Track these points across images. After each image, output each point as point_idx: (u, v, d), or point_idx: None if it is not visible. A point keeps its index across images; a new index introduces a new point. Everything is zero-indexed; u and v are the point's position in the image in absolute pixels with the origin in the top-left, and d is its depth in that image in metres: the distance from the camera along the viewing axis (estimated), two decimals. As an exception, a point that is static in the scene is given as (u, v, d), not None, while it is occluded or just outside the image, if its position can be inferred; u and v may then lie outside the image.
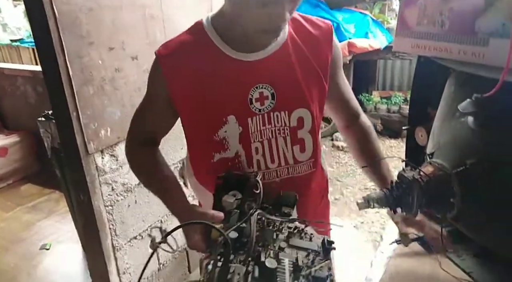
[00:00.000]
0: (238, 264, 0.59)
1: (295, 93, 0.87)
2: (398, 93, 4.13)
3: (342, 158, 3.86)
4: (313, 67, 0.89)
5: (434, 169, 0.79)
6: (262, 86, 0.84)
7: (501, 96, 0.67)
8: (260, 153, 0.88)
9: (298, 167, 0.92)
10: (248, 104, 0.84)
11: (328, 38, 0.92)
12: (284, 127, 0.88)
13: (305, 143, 0.91)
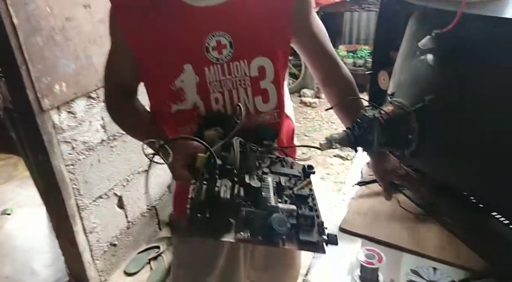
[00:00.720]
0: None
1: (254, 41, 0.85)
2: (364, 47, 4.14)
3: (309, 114, 3.90)
4: (274, 14, 0.87)
5: (394, 107, 0.80)
6: (219, 34, 0.82)
7: (459, 30, 0.67)
8: (221, 103, 0.86)
9: (260, 118, 0.91)
10: (204, 53, 0.82)
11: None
12: (245, 77, 0.86)
13: (269, 93, 0.90)
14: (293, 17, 0.89)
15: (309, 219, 0.59)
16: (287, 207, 0.59)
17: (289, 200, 0.63)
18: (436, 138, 0.77)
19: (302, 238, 0.58)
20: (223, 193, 0.57)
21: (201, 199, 0.57)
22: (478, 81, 0.68)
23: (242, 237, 0.56)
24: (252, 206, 0.58)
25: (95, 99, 1.65)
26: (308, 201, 0.63)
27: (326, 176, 2.82)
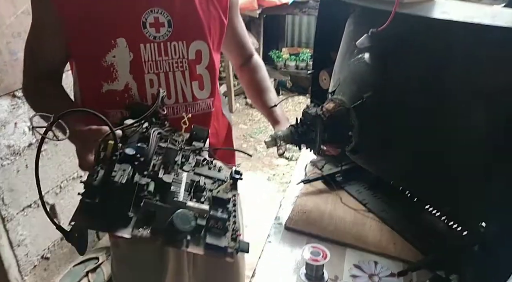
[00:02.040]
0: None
1: (194, 23, 0.84)
2: (306, 50, 4.26)
3: (255, 115, 3.92)
4: (213, 4, 0.88)
5: (335, 105, 0.81)
6: (157, 10, 0.80)
7: (394, 29, 0.70)
8: (156, 86, 0.83)
9: (196, 105, 0.89)
10: (141, 28, 0.79)
11: None
12: (182, 60, 0.84)
13: (203, 79, 0.89)
14: (228, 10, 0.93)
15: (221, 222, 0.53)
16: (197, 205, 0.53)
17: (206, 201, 0.57)
18: (373, 135, 0.80)
19: (209, 241, 0.51)
20: (118, 177, 0.49)
21: (94, 183, 0.49)
22: (409, 78, 0.71)
23: (139, 233, 0.49)
24: (159, 201, 0.52)
25: (20, 98, 1.50)
26: (228, 206, 0.57)
27: (272, 176, 2.84)
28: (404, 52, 0.71)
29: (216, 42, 0.91)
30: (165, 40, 0.82)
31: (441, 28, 0.62)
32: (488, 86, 0.59)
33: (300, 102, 4.21)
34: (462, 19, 0.59)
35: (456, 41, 0.61)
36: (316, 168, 1.14)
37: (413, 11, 0.68)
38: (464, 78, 0.61)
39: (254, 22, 3.88)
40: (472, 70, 0.60)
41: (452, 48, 0.62)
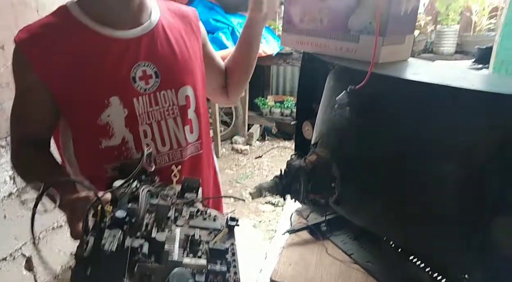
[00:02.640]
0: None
1: (179, 71, 0.88)
2: (290, 98, 4.39)
3: (241, 160, 3.94)
4: (190, 45, 0.93)
5: (317, 157, 0.84)
6: (144, 64, 0.83)
7: (371, 87, 0.74)
8: (149, 136, 0.85)
9: (188, 149, 0.91)
10: (131, 83, 0.82)
11: (196, 19, 0.98)
12: (173, 107, 0.87)
13: (193, 123, 0.92)
14: (201, 39, 0.98)
15: (220, 275, 0.53)
16: (194, 261, 0.53)
17: (204, 255, 0.56)
18: (355, 186, 0.81)
19: None
20: (108, 245, 0.48)
21: (83, 254, 0.48)
22: (386, 134, 0.74)
23: None
24: (155, 262, 0.52)
25: (4, 147, 1.49)
26: (227, 256, 0.56)
27: (258, 223, 2.80)
28: (380, 109, 0.75)
29: (200, 84, 0.94)
30: (155, 90, 0.85)
31: (412, 89, 0.67)
32: (458, 143, 0.62)
33: (286, 147, 4.27)
34: (431, 80, 0.63)
35: (426, 101, 0.66)
36: (302, 217, 1.14)
37: (387, 72, 0.73)
38: (435, 135, 0.65)
39: (240, 71, 4.02)
40: (442, 128, 0.64)
41: (423, 107, 0.66)
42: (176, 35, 0.90)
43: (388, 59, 0.80)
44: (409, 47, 0.84)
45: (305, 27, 0.91)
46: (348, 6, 0.80)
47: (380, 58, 0.78)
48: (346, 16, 0.81)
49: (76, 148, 0.87)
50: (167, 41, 0.87)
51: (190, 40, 0.93)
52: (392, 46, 0.79)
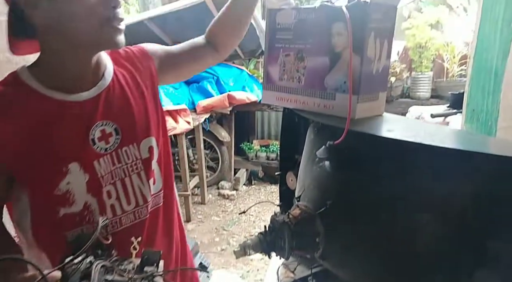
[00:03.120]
0: None
1: (140, 123, 0.86)
2: (275, 142, 4.45)
3: (227, 207, 3.89)
4: (147, 88, 0.91)
5: (301, 211, 0.84)
6: (102, 123, 0.81)
7: (349, 143, 0.77)
8: (114, 196, 0.82)
9: (152, 202, 0.88)
10: (90, 146, 0.79)
11: (143, 53, 0.95)
12: (136, 161, 0.85)
13: (155, 174, 0.90)
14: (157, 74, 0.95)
15: None
16: None
17: None
18: (339, 241, 0.82)
19: None
20: None
21: None
22: (365, 188, 0.76)
23: None
24: None
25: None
26: None
27: (247, 273, 2.72)
28: (359, 165, 0.77)
29: (161, 131, 0.91)
30: (116, 148, 0.82)
31: (387, 146, 0.69)
32: (434, 198, 0.64)
33: (272, 191, 4.25)
34: (404, 138, 0.66)
35: (401, 157, 0.68)
36: (289, 270, 1.12)
37: (364, 129, 0.76)
38: (412, 190, 0.67)
39: (226, 118, 4.09)
40: (417, 184, 0.66)
41: (399, 164, 0.69)
42: (131, 84, 0.88)
43: (363, 115, 0.84)
44: (382, 103, 0.88)
45: (284, 85, 0.95)
46: (323, 66, 0.85)
47: (356, 115, 0.82)
48: (322, 75, 0.86)
49: (33, 217, 0.81)
50: (123, 94, 0.85)
51: (145, 82, 0.90)
52: (366, 103, 0.83)
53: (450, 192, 0.62)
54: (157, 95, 0.93)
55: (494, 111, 1.12)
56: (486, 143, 0.75)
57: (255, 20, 3.35)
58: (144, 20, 3.38)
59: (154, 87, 0.93)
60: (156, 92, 0.93)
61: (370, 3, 0.75)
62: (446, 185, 0.62)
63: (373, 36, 0.77)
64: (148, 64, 0.94)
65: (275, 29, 0.93)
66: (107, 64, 0.86)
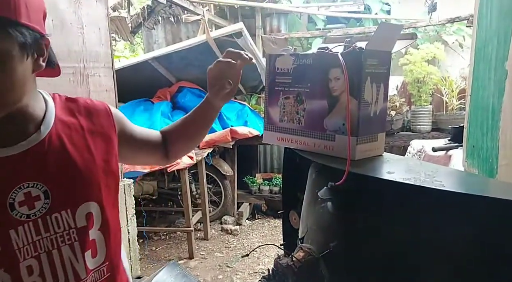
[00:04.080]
0: None
1: (78, 186, 0.74)
2: (278, 175, 4.45)
3: (231, 242, 3.82)
4: (97, 148, 0.79)
5: (304, 254, 0.83)
6: (27, 185, 0.68)
7: (350, 184, 0.77)
8: (36, 272, 0.69)
9: (88, 279, 0.75)
10: (8, 212, 0.66)
11: (107, 114, 0.85)
12: (69, 231, 0.72)
13: (97, 244, 0.77)
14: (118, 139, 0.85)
15: None
16: None
17: None
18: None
19: None
20: None
21: None
22: (368, 230, 0.76)
23: None
24: None
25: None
26: None
27: (250, 313, 2.63)
28: (361, 206, 0.77)
29: (112, 195, 0.80)
30: (43, 214, 0.70)
31: (388, 187, 0.70)
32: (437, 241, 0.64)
33: (276, 226, 4.19)
34: (404, 180, 0.67)
35: (402, 199, 0.69)
36: (293, 313, 1.09)
37: (364, 170, 0.77)
38: (416, 233, 0.67)
39: (228, 152, 4.12)
40: (419, 226, 0.66)
41: (401, 205, 0.69)
42: (76, 140, 0.76)
43: (363, 156, 0.85)
44: (382, 143, 0.89)
45: (285, 126, 0.98)
46: (322, 108, 0.87)
47: (356, 156, 0.83)
48: (321, 117, 0.88)
49: None
50: (62, 151, 0.73)
51: (97, 142, 0.79)
52: (366, 144, 0.85)
53: (451, 235, 0.62)
54: (112, 156, 0.82)
55: (494, 148, 1.13)
56: (485, 184, 0.75)
57: (256, 57, 3.46)
58: (149, 60, 3.50)
59: (109, 148, 0.82)
60: (111, 152, 0.82)
61: (365, 50, 0.78)
62: (447, 228, 0.62)
63: (369, 81, 0.80)
64: (107, 124, 0.83)
65: (275, 73, 0.97)
66: (46, 115, 0.74)
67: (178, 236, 3.95)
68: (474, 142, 1.30)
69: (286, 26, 4.68)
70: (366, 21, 4.59)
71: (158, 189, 3.88)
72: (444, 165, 2.21)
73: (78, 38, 1.75)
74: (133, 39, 5.07)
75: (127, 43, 6.08)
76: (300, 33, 4.66)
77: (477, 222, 0.59)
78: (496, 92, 1.15)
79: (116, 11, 4.60)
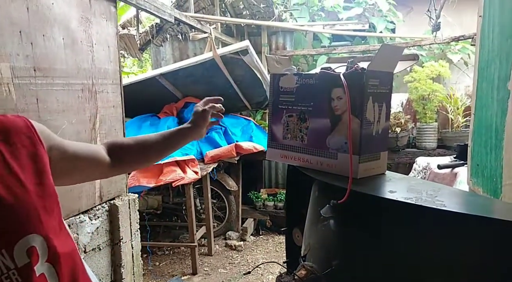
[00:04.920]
0: None
1: (9, 223, 0.63)
2: (283, 191, 4.43)
3: (235, 258, 3.79)
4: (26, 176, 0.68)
5: (306, 272, 0.83)
6: None
7: (352, 202, 0.78)
8: None
9: None
10: None
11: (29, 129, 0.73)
12: (8, 273, 0.62)
13: (47, 278, 0.67)
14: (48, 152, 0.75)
15: None
16: None
17: None
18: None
19: None
20: None
21: None
22: (371, 250, 0.76)
23: None
24: None
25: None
26: None
27: (253, 332, 2.59)
28: (363, 224, 0.78)
29: (55, 218, 0.71)
30: None
31: (389, 207, 0.71)
32: (438, 259, 0.64)
33: (281, 242, 4.15)
34: (405, 200, 0.68)
35: (403, 218, 0.69)
36: (296, 333, 1.08)
37: (366, 189, 0.77)
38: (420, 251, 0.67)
39: (233, 167, 4.12)
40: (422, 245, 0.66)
41: (402, 223, 0.70)
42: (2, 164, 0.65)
43: (366, 174, 0.86)
44: (384, 162, 0.90)
45: (288, 143, 0.99)
46: (325, 127, 0.89)
47: (358, 174, 0.84)
48: (324, 136, 0.89)
49: None
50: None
51: (23, 165, 0.68)
52: (368, 163, 0.86)
53: (452, 254, 0.62)
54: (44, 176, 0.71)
55: (498, 168, 1.13)
56: (487, 205, 0.75)
57: (261, 74, 3.50)
58: (156, 76, 3.55)
59: (39, 167, 0.71)
60: (43, 171, 0.71)
61: (367, 70, 0.80)
62: (448, 248, 0.63)
63: (371, 100, 0.82)
64: (32, 141, 0.72)
65: (279, 92, 0.99)
66: None
67: (182, 251, 3.92)
68: (478, 161, 1.30)
69: (292, 44, 4.74)
70: (371, 39, 4.64)
71: (163, 203, 3.88)
72: (450, 182, 2.20)
73: (88, 55, 1.80)
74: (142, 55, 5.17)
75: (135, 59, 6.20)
76: (305, 50, 4.71)
77: (479, 243, 0.59)
78: (499, 111, 1.16)
79: (126, 29, 4.70)
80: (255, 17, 4.61)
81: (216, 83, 3.67)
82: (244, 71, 3.52)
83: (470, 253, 0.61)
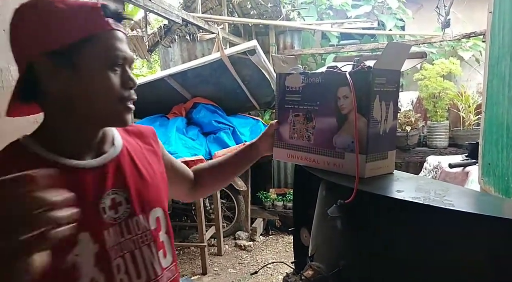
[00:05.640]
0: None
1: (149, 193, 0.84)
2: (292, 191, 4.41)
3: (244, 258, 3.79)
4: (153, 164, 0.90)
5: (314, 272, 0.83)
6: (112, 192, 0.78)
7: (359, 202, 0.77)
8: (123, 270, 0.76)
9: (165, 277, 0.84)
10: (101, 215, 0.75)
11: (154, 135, 0.97)
12: (146, 232, 0.81)
13: (165, 246, 0.86)
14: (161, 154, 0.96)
15: None
16: None
17: None
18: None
19: None
20: None
21: None
22: (379, 250, 0.75)
23: None
24: None
25: None
26: None
27: (263, 332, 2.58)
28: (370, 224, 0.77)
29: (166, 202, 0.90)
30: (126, 217, 0.78)
31: (397, 206, 0.70)
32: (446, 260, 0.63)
33: (290, 242, 4.14)
34: (413, 199, 0.67)
35: (411, 218, 0.68)
36: None
37: (373, 189, 0.77)
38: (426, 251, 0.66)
39: (242, 167, 4.12)
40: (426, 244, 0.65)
41: (410, 223, 0.69)
42: (140, 157, 0.87)
43: (373, 174, 0.85)
44: (392, 161, 0.89)
45: (295, 143, 0.99)
46: (331, 126, 0.88)
47: (366, 174, 0.83)
48: (330, 135, 0.89)
49: None
50: (133, 165, 0.84)
51: (152, 159, 0.91)
52: (375, 162, 0.85)
53: (460, 255, 0.61)
54: (163, 169, 0.94)
55: (509, 166, 1.11)
56: (496, 204, 0.74)
57: (269, 74, 3.50)
58: (165, 77, 3.57)
59: (159, 163, 0.93)
60: (162, 167, 0.94)
61: (373, 69, 0.79)
62: (457, 248, 0.62)
63: (378, 99, 0.81)
64: (155, 145, 0.95)
65: (285, 92, 0.98)
66: (115, 135, 0.86)
67: (191, 251, 3.94)
68: (489, 159, 1.28)
69: (300, 43, 4.73)
70: (380, 37, 4.60)
71: (173, 203, 3.90)
72: (461, 181, 2.17)
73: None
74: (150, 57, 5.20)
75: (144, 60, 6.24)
76: (313, 49, 4.69)
77: (488, 243, 0.58)
78: (511, 109, 1.13)
79: (134, 31, 4.74)
80: (262, 17, 4.61)
81: (224, 83, 3.67)
82: (252, 71, 3.51)
83: (480, 253, 0.59)
